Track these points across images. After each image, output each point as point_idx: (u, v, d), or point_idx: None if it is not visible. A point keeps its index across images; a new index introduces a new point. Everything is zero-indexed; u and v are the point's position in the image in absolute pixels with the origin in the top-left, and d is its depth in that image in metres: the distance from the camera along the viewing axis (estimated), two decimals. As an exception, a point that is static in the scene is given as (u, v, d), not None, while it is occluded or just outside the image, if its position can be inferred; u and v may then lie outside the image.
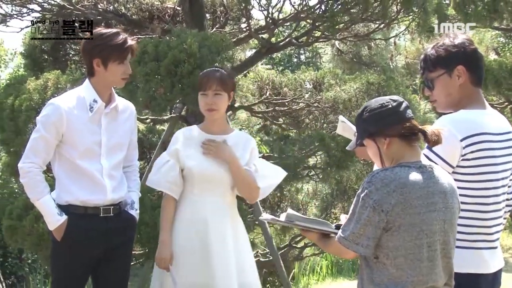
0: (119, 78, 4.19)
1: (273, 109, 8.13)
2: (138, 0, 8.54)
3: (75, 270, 4.22)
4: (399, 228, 2.87)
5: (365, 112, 3.03)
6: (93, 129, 4.18)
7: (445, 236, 2.96)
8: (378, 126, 2.99)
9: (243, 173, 4.29)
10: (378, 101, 3.03)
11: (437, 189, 2.94)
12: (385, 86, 7.10)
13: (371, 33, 7.16)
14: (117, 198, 4.25)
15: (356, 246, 2.91)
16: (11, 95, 6.13)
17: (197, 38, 5.44)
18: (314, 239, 3.21)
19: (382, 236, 2.89)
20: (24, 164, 4.15)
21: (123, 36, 4.18)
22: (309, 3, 6.33)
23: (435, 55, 3.42)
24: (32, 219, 6.01)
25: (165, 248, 4.24)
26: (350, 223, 2.94)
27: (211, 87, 4.25)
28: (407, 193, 2.86)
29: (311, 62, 21.41)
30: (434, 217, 2.91)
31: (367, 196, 2.88)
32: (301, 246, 8.47)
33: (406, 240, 2.88)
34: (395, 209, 2.85)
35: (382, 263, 2.92)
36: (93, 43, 4.19)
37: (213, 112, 4.29)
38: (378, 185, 2.87)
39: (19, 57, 20.31)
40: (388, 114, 2.97)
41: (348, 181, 7.68)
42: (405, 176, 2.89)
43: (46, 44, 8.42)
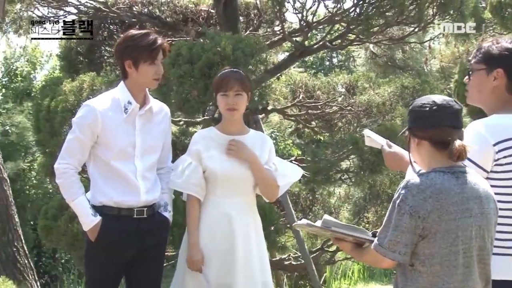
0: (151, 79, 4.20)
1: (305, 112, 8.11)
2: (173, 3, 8.58)
3: (109, 270, 4.24)
4: (435, 235, 2.83)
5: (411, 105, 3.02)
6: (127, 131, 4.20)
7: (481, 242, 2.92)
8: (413, 124, 2.99)
9: (264, 172, 4.32)
10: (423, 99, 3.00)
11: (473, 195, 2.90)
12: (420, 90, 7.04)
13: (406, 37, 7.09)
14: (151, 199, 4.26)
15: (393, 254, 2.88)
16: (47, 96, 6.21)
17: (231, 41, 5.44)
18: (347, 250, 3.17)
19: (418, 243, 2.86)
20: (59, 165, 4.19)
21: (153, 36, 4.19)
22: (344, 6, 6.30)
23: (486, 49, 3.38)
24: (67, 219, 6.07)
25: (196, 250, 4.25)
26: (386, 230, 2.91)
27: (232, 88, 4.26)
28: (443, 199, 2.83)
29: (343, 65, 21.33)
30: (469, 223, 2.87)
31: (403, 203, 2.85)
32: (333, 250, 8.42)
33: (442, 247, 2.84)
34: (431, 216, 2.82)
35: (417, 270, 2.88)
36: (124, 45, 4.22)
37: (234, 112, 4.30)
38: (414, 191, 2.84)
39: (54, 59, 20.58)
40: (423, 116, 2.94)
41: (382, 185, 7.62)
42: (440, 182, 2.86)
43: (81, 46, 8.51)
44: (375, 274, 12.32)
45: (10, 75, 20.61)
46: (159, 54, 4.18)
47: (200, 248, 4.25)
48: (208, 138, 4.37)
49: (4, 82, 20.59)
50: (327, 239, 8.34)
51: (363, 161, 6.07)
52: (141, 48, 4.14)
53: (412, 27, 6.58)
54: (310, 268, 7.01)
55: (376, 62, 12.10)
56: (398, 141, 6.20)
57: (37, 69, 21.50)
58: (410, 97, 7.01)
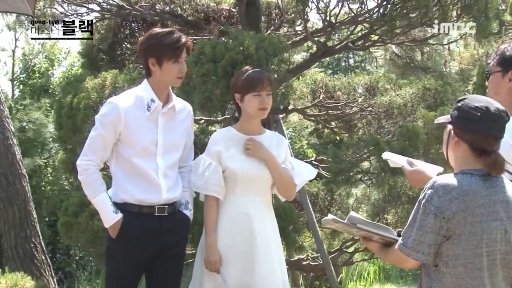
0: (174, 77, 4.20)
1: (326, 112, 8.09)
2: (194, 1, 8.58)
3: (129, 267, 4.25)
4: (459, 236, 2.83)
5: (463, 102, 2.96)
6: (150, 128, 4.21)
7: (507, 246, 2.90)
8: (457, 122, 2.95)
9: (281, 171, 4.35)
10: (476, 100, 2.94)
11: (499, 198, 2.89)
12: (442, 92, 7.00)
13: (429, 38, 7.05)
14: (172, 197, 4.27)
15: (416, 254, 2.87)
16: (69, 93, 6.23)
17: (254, 40, 5.44)
18: (374, 249, 3.17)
19: (442, 244, 2.85)
20: (82, 162, 4.21)
21: (177, 35, 4.19)
22: (368, 6, 6.28)
23: (503, 52, 3.40)
24: (87, 216, 6.09)
25: (214, 251, 4.26)
26: (410, 230, 2.90)
27: (265, 88, 4.28)
28: (469, 201, 2.82)
29: (359, 66, 21.27)
30: (495, 226, 2.86)
31: (428, 203, 2.85)
32: (351, 251, 8.40)
33: (466, 249, 2.83)
34: (456, 217, 2.81)
35: (441, 271, 2.88)
36: (148, 43, 4.22)
37: (266, 111, 4.33)
38: (440, 191, 2.84)
39: (72, 55, 20.70)
40: (471, 119, 2.90)
41: (402, 186, 7.59)
42: (467, 183, 2.85)
43: (103, 44, 8.54)
44: (390, 275, 12.28)
45: (28, 72, 20.75)
46: (183, 53, 4.18)
47: (218, 249, 4.26)
48: (227, 138, 4.38)
49: (22, 79, 20.73)
50: (346, 240, 8.34)
51: (384, 162, 6.03)
52: (165, 46, 4.14)
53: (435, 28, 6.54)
54: (329, 269, 6.99)
55: (395, 63, 12.05)
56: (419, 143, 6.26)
57: (55, 65, 21.62)
58: (432, 99, 6.97)
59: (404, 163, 3.56)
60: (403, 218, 7.55)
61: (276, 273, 4.34)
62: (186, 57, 4.23)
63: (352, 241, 8.20)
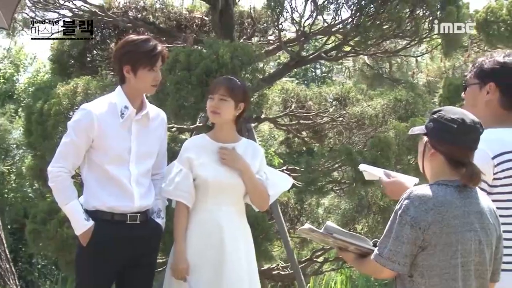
0: (149, 85, 4.17)
1: (297, 122, 8.12)
2: (167, 9, 8.58)
3: (100, 276, 4.20)
4: (435, 247, 2.83)
5: (438, 114, 2.96)
6: (123, 136, 4.18)
7: (480, 257, 2.92)
8: (433, 133, 2.96)
9: (255, 181, 4.32)
10: (453, 113, 2.94)
11: (474, 209, 2.90)
12: (413, 103, 7.08)
13: (402, 49, 7.13)
14: (145, 205, 4.24)
15: (392, 264, 2.88)
16: (39, 99, 6.16)
17: (229, 49, 5.44)
18: (350, 259, 3.16)
19: (418, 255, 2.86)
20: (53, 168, 4.16)
21: (153, 42, 4.17)
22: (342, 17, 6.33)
23: (480, 64, 3.40)
24: (56, 224, 6.03)
25: (181, 258, 4.23)
26: (386, 241, 2.91)
27: (218, 91, 4.27)
28: (444, 212, 2.83)
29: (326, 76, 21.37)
30: (469, 237, 2.87)
31: (404, 213, 2.85)
32: (321, 261, 8.42)
33: (441, 260, 2.84)
34: (432, 228, 2.82)
35: (416, 282, 2.88)
36: (123, 49, 4.19)
37: (216, 115, 4.30)
38: (416, 202, 2.84)
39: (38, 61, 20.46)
40: (447, 131, 2.90)
41: (373, 196, 7.64)
42: (442, 194, 2.86)
43: (74, 50, 8.49)
44: (357, 286, 12.33)
45: (-8, 77, 20.44)
46: (158, 61, 4.15)
47: (186, 257, 4.23)
48: (200, 146, 4.36)
49: (-14, 84, 20.41)
50: (316, 249, 8.36)
51: (356, 172, 6.06)
52: (141, 54, 4.12)
53: (407, 40, 6.62)
54: (299, 279, 7.00)
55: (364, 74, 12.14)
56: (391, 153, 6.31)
57: (21, 71, 21.32)
58: (403, 110, 7.04)
59: (381, 174, 3.56)
60: (373, 228, 7.60)
61: (244, 283, 4.31)
62: (161, 65, 4.21)
63: (322, 250, 8.22)
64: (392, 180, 3.47)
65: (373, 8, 6.00)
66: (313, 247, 8.74)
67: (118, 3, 8.41)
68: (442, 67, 11.97)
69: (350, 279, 12.15)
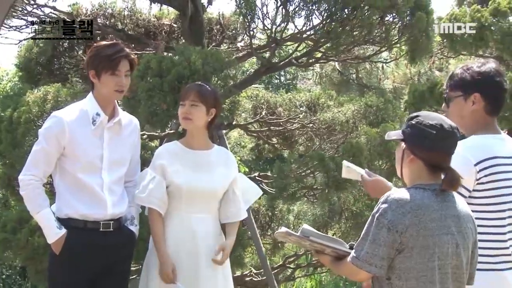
0: (112, 90, 4.12)
1: (267, 128, 8.14)
2: (135, 16, 8.55)
3: (73, 284, 4.16)
4: (411, 249, 2.86)
5: (416, 120, 2.99)
6: (95, 143, 4.15)
7: (457, 260, 2.95)
8: (412, 140, 2.98)
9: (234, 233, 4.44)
10: (430, 118, 2.98)
11: (450, 213, 2.94)
12: (383, 109, 7.14)
13: (373, 55, 7.19)
14: (118, 213, 4.21)
15: (369, 266, 2.89)
16: (9, 107, 6.09)
17: (201, 55, 5.44)
18: (326, 262, 3.17)
19: (395, 257, 2.88)
20: (24, 176, 4.11)
21: (118, 47, 4.15)
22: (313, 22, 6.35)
23: (459, 76, 3.47)
24: (27, 232, 5.95)
25: (167, 262, 4.20)
26: (363, 243, 2.92)
27: (189, 97, 4.26)
28: (422, 215, 2.86)
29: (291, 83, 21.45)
30: (446, 240, 2.90)
31: (381, 216, 2.87)
32: (293, 267, 8.43)
33: (418, 262, 2.87)
34: (409, 231, 2.84)
35: (394, 284, 2.90)
36: (89, 54, 4.20)
37: (187, 121, 4.29)
38: (393, 205, 2.87)
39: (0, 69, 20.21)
40: (426, 137, 2.93)
41: (346, 202, 7.68)
42: (420, 198, 2.89)
43: (42, 58, 8.41)
44: (327, 291, 12.37)
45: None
46: (120, 65, 4.10)
47: (170, 259, 4.20)
48: (172, 153, 4.35)
49: None
50: (288, 256, 8.37)
51: (328, 177, 6.10)
52: (103, 58, 4.10)
53: (377, 47, 6.68)
54: (272, 285, 7.00)
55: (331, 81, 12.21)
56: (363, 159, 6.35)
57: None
58: (374, 115, 7.09)
59: (363, 172, 3.59)
60: (346, 233, 7.64)
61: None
62: (127, 70, 4.14)
63: (294, 256, 8.24)
64: (374, 178, 3.50)
65: (344, 14, 6.03)
66: (285, 253, 8.76)
67: (85, 10, 8.37)
68: (407, 73, 12.10)
69: (320, 284, 12.17)
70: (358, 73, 11.64)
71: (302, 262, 8.77)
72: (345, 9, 6.08)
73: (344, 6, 6.06)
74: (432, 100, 8.79)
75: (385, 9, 6.17)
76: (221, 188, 4.37)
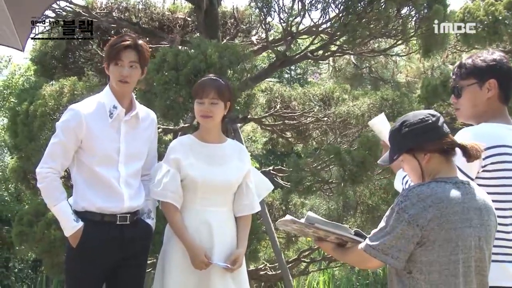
0: (116, 80, 4.12)
1: (282, 122, 8.12)
2: (149, 10, 8.55)
3: (90, 277, 4.16)
4: (433, 243, 2.84)
5: (404, 127, 2.98)
6: (112, 136, 4.14)
7: (480, 253, 2.93)
8: (420, 141, 2.96)
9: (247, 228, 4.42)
10: (416, 115, 2.99)
11: (473, 206, 2.92)
12: (399, 103, 7.10)
13: (389, 49, 7.15)
14: (135, 206, 4.21)
15: (385, 256, 2.87)
16: (25, 100, 6.10)
17: (217, 48, 5.42)
18: (328, 249, 3.16)
19: (415, 251, 2.86)
20: (42, 169, 4.11)
21: (123, 38, 4.15)
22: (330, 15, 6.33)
23: (472, 64, 3.42)
24: (43, 225, 5.96)
25: (197, 249, 4.17)
26: (381, 233, 2.90)
27: (208, 95, 4.23)
28: (444, 208, 2.84)
29: (301, 78, 21.43)
30: (469, 233, 2.88)
31: (402, 211, 2.85)
32: (308, 261, 8.42)
33: (440, 255, 2.85)
34: (430, 224, 2.82)
35: (415, 278, 2.88)
36: (106, 47, 4.24)
37: (208, 119, 4.27)
38: (414, 199, 2.85)
39: (13, 64, 20.27)
40: (430, 129, 2.94)
41: (362, 196, 7.65)
42: (441, 191, 2.87)
43: (56, 51, 8.43)
44: (339, 286, 12.36)
45: (-34, 80, 20.17)
46: (121, 55, 4.08)
47: (199, 245, 4.18)
48: (187, 146, 4.33)
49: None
50: (303, 250, 8.36)
51: (345, 171, 6.07)
52: (109, 49, 4.14)
53: (394, 39, 6.64)
54: (287, 279, 6.99)
55: (344, 75, 12.17)
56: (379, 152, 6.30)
57: (-5, 73, 21.06)
58: (389, 109, 7.05)
59: None
60: (361, 227, 7.61)
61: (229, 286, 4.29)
62: (132, 61, 4.10)
63: (310, 250, 8.22)
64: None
65: (360, 7, 5.99)
66: (299, 247, 8.75)
67: (100, 4, 8.38)
68: (420, 67, 12.05)
69: (333, 279, 12.17)
70: (372, 67, 11.60)
71: (316, 256, 8.75)
72: (361, 2, 6.04)
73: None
74: (445, 94, 8.76)
75: (402, 1, 6.13)
76: (235, 181, 4.36)
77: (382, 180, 7.18)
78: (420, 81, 10.85)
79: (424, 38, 6.65)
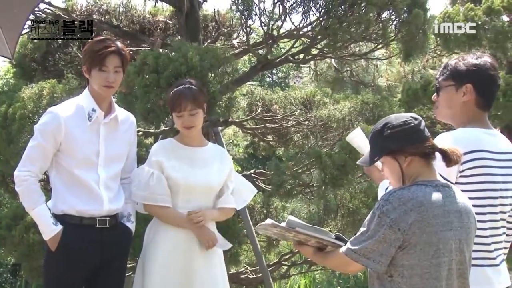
0: (100, 86, 4.10)
1: (263, 126, 8.12)
2: (130, 13, 8.51)
3: (69, 281, 4.15)
4: (415, 246, 2.84)
5: (386, 129, 2.99)
6: (91, 139, 4.13)
7: (461, 256, 2.94)
8: (401, 143, 2.97)
9: (221, 216, 4.42)
10: (398, 118, 3.00)
11: (453, 208, 2.92)
12: (380, 106, 7.12)
13: (369, 52, 7.17)
14: (114, 209, 4.20)
15: (366, 260, 2.88)
16: (4, 103, 6.04)
17: (198, 51, 5.41)
18: (308, 253, 3.16)
19: (397, 254, 2.86)
20: (20, 172, 4.09)
21: (106, 43, 4.13)
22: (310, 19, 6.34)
23: (453, 66, 3.44)
24: (22, 229, 5.91)
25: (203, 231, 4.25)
26: (362, 237, 2.90)
27: (186, 108, 4.23)
28: (425, 212, 2.84)
29: (283, 82, 21.47)
30: (450, 236, 2.89)
31: (383, 215, 2.85)
32: (289, 264, 8.41)
33: (422, 259, 2.85)
34: (412, 228, 2.83)
35: (396, 282, 2.89)
36: (84, 50, 4.21)
37: (191, 129, 4.30)
38: (395, 203, 2.85)
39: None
40: (412, 132, 2.95)
41: (342, 199, 7.66)
42: (422, 195, 2.87)
43: (36, 54, 8.37)
44: (320, 289, 12.36)
45: None
46: (107, 61, 4.08)
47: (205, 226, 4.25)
48: (169, 149, 4.34)
49: None
50: (284, 253, 8.35)
51: (325, 174, 6.08)
52: (91, 54, 4.11)
53: (374, 43, 6.66)
54: (268, 282, 6.98)
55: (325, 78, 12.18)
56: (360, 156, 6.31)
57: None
58: (370, 113, 7.07)
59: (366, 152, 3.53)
60: (342, 231, 7.61)
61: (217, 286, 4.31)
62: (117, 66, 4.11)
63: (290, 254, 8.22)
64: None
65: (341, 11, 6.01)
66: (280, 251, 8.73)
67: (80, 6, 8.33)
68: (401, 71, 12.10)
69: (314, 282, 12.16)
70: (353, 71, 11.63)
71: (297, 259, 8.75)
72: (342, 6, 6.06)
73: (341, 2, 6.04)
74: (425, 98, 8.80)
75: (383, 5, 6.15)
76: (217, 184, 4.37)
77: (363, 183, 7.19)
78: (401, 85, 10.90)
79: (404, 42, 6.67)
